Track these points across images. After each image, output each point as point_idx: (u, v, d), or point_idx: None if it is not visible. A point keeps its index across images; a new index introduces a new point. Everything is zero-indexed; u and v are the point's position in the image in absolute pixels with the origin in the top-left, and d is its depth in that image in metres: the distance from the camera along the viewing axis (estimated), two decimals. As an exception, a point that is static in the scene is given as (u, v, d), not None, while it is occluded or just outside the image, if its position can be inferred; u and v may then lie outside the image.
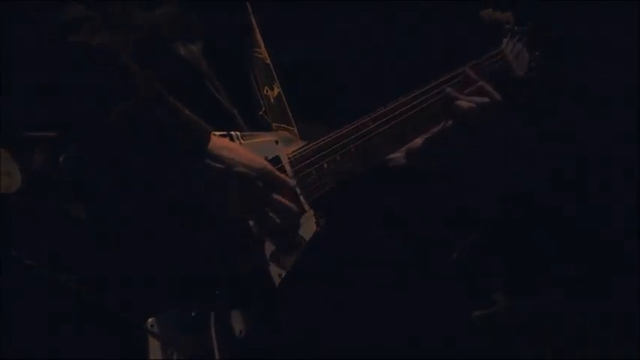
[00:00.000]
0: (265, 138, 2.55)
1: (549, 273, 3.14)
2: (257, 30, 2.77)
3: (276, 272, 2.48)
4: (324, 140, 2.63)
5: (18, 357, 2.24)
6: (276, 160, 2.52)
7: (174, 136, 2.30)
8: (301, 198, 2.55)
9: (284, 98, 2.77)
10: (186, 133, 2.32)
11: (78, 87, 2.25)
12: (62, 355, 2.24)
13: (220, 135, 2.42)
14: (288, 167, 2.54)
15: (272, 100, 2.72)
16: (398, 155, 2.82)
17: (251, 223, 2.44)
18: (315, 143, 2.62)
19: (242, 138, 2.48)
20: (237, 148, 2.41)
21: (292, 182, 2.52)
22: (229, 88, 2.57)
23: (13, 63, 2.22)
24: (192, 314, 2.32)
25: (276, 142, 2.56)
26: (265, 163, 2.45)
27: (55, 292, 2.21)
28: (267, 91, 2.72)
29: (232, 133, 2.46)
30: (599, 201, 3.18)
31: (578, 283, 3.14)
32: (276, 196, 2.44)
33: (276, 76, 2.77)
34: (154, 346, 2.25)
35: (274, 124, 2.67)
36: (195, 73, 2.50)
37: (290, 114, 2.76)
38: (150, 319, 2.27)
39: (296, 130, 2.74)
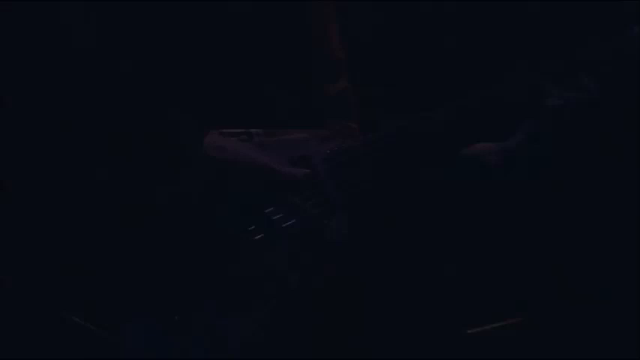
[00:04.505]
0: (294, 136, 2.43)
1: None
2: (334, 23, 2.65)
3: (294, 276, 2.37)
4: (366, 139, 2.48)
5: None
6: (304, 159, 2.41)
7: (163, 139, 2.27)
8: (333, 198, 2.42)
9: (351, 92, 2.63)
10: (175, 137, 2.28)
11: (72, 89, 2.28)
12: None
13: (236, 132, 2.35)
14: (320, 166, 2.42)
15: (333, 95, 2.60)
16: (492, 155, 2.61)
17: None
18: (355, 142, 2.47)
19: (266, 135, 2.39)
20: (235, 148, 2.32)
21: (308, 176, 2.38)
22: (279, 83, 2.49)
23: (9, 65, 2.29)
24: (176, 318, 2.28)
25: (307, 140, 2.44)
26: (266, 162, 2.33)
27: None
28: (328, 86, 2.60)
29: (252, 130, 2.38)
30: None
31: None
32: (282, 195, 2.33)
33: (346, 70, 2.64)
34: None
35: (329, 121, 2.55)
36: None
37: (356, 108, 2.62)
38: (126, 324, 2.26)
39: (358, 126, 2.59)
